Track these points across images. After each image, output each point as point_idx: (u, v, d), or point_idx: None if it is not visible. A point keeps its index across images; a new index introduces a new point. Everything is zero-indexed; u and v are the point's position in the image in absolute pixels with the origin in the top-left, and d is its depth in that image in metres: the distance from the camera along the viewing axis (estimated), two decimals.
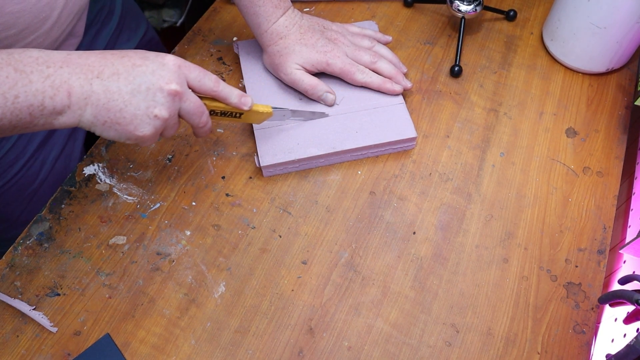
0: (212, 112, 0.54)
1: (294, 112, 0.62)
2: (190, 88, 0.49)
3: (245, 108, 0.55)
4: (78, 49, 0.68)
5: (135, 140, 0.48)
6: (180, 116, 0.50)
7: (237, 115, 0.56)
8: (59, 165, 0.72)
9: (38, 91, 0.42)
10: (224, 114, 0.55)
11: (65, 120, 0.44)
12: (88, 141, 0.75)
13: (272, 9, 0.62)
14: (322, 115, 0.64)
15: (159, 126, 0.48)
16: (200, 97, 0.51)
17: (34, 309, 0.53)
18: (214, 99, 0.53)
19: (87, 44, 0.71)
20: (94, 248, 0.57)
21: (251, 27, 0.64)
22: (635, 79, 0.73)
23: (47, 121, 0.44)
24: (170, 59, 0.48)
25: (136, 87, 0.45)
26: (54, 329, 0.53)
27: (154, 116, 0.47)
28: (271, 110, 0.59)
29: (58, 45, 0.62)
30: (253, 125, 0.63)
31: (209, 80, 0.50)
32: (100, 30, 0.75)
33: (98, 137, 0.66)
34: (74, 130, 0.73)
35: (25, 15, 0.52)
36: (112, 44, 0.76)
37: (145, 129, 0.47)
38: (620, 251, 0.58)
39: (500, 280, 0.57)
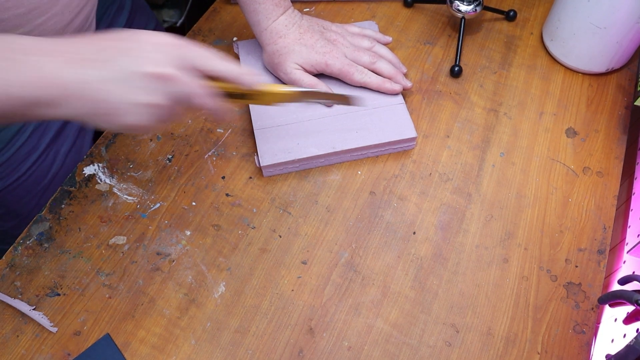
0: (230, 95, 0.50)
1: (314, 94, 0.58)
2: (195, 69, 0.45)
3: (253, 86, 0.50)
4: None
5: (133, 130, 0.44)
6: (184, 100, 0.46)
7: (249, 96, 0.52)
8: (70, 160, 0.72)
9: (28, 82, 0.39)
10: (233, 95, 0.51)
11: (57, 112, 0.42)
12: (97, 136, 0.75)
13: (272, 6, 0.62)
14: (345, 98, 0.60)
15: (155, 113, 0.44)
16: (212, 79, 0.48)
17: (34, 309, 0.53)
18: (224, 80, 0.49)
19: None
20: (94, 248, 0.57)
21: (251, 25, 0.65)
22: (635, 79, 0.73)
23: (41, 113, 0.41)
24: (163, 39, 0.44)
25: (118, 74, 0.42)
26: (54, 329, 0.53)
27: (144, 104, 0.42)
28: (284, 90, 0.55)
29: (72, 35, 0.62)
30: (253, 125, 0.63)
31: (212, 60, 0.46)
32: (111, 25, 0.75)
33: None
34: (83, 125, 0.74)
35: None
36: None
37: (136, 117, 0.43)
38: (627, 254, 0.58)
39: (500, 280, 0.57)
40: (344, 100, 0.60)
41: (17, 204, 0.71)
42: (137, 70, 0.42)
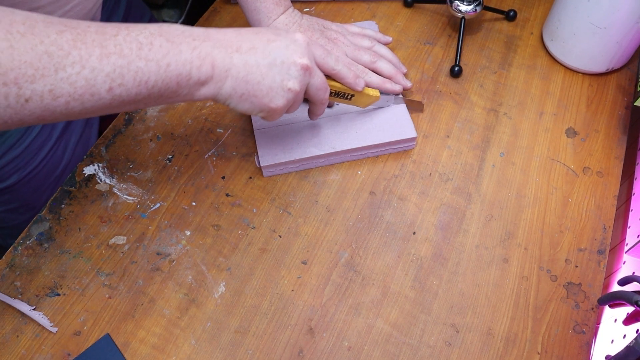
0: (334, 93, 0.58)
1: (396, 99, 0.65)
2: (317, 65, 0.53)
3: (359, 89, 0.58)
4: None
5: (267, 113, 0.50)
6: (306, 92, 0.53)
7: (349, 96, 0.59)
8: (79, 151, 0.73)
9: (187, 61, 0.44)
10: (337, 94, 0.58)
11: (206, 91, 0.46)
12: (102, 128, 0.75)
13: (272, 5, 0.62)
14: (419, 104, 0.68)
15: (290, 99, 0.50)
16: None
17: (34, 309, 0.53)
18: (331, 78, 0.56)
19: None
20: (94, 248, 0.57)
21: (251, 24, 0.65)
22: (635, 79, 0.73)
23: (189, 91, 0.46)
24: (300, 36, 0.50)
25: (272, 60, 0.48)
26: (54, 329, 0.53)
27: (287, 89, 0.49)
28: (379, 94, 0.62)
29: None
30: (253, 125, 0.63)
31: (330, 59, 0.54)
32: (110, 17, 0.77)
33: (110, 122, 0.67)
34: None
35: None
36: None
37: (279, 101, 0.49)
38: (625, 254, 0.58)
39: (500, 280, 0.57)
40: (417, 105, 0.68)
41: (31, 197, 0.72)
42: (289, 60, 0.48)
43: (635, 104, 0.64)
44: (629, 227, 0.62)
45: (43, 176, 0.70)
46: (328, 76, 0.56)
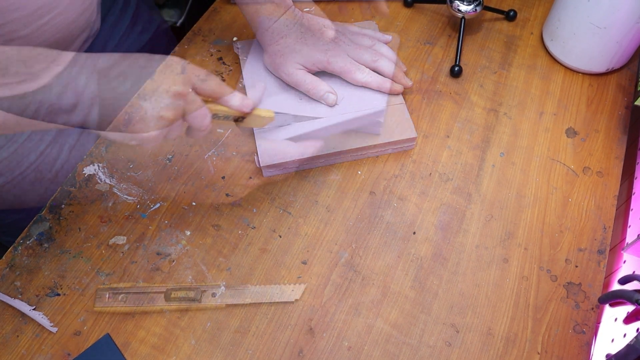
0: (215, 116, 0.53)
1: (296, 117, 0.62)
2: (194, 90, 0.49)
3: (247, 110, 0.54)
4: (96, 39, 0.70)
5: (140, 142, 0.48)
6: (184, 118, 0.50)
7: (240, 119, 0.56)
8: (75, 155, 0.72)
9: (46, 88, 0.42)
10: (227, 117, 0.55)
11: (72, 119, 0.44)
12: None
13: (273, 7, 0.62)
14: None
15: (163, 127, 0.48)
16: (204, 101, 0.51)
17: (34, 309, 0.53)
18: (216, 102, 0.53)
19: (104, 34, 0.72)
20: (94, 248, 0.57)
21: (252, 26, 0.64)
22: (635, 79, 0.73)
23: (52, 119, 0.44)
24: (175, 61, 0.48)
25: (143, 87, 0.46)
26: (54, 329, 0.53)
27: (159, 117, 0.46)
28: (273, 114, 0.58)
29: (76, 35, 0.63)
30: None
31: (212, 83, 0.50)
32: (117, 21, 0.76)
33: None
34: None
35: None
36: (127, 35, 0.77)
37: (150, 129, 0.47)
38: (623, 252, 0.58)
39: (500, 280, 0.57)
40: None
41: (21, 198, 0.71)
42: (161, 87, 0.46)
43: (635, 103, 0.64)
44: (629, 226, 0.62)
45: (33, 179, 0.70)
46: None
